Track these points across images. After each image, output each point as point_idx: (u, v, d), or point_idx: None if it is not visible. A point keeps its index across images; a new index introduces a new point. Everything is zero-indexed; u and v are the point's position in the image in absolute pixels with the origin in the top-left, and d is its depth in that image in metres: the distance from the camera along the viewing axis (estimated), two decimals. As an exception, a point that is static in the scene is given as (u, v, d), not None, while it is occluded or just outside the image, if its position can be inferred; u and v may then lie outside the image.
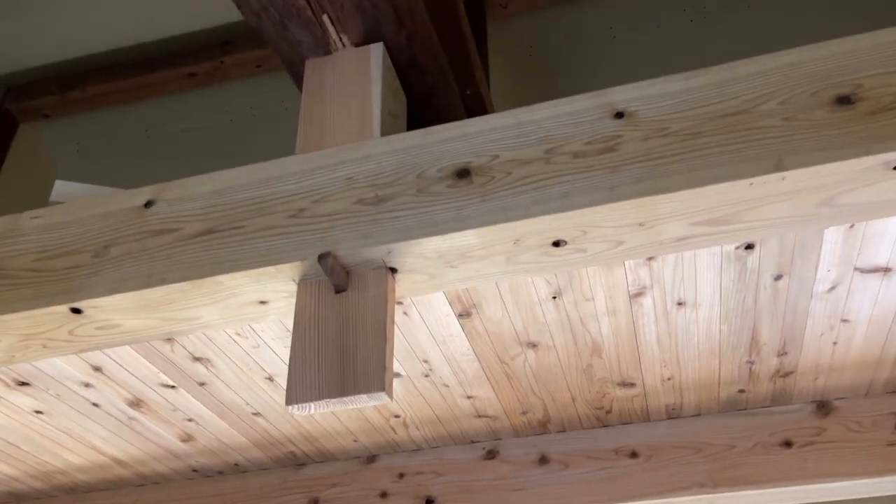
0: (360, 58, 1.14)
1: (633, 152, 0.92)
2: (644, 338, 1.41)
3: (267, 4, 1.10)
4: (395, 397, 1.56)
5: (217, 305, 1.05)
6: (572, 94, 3.03)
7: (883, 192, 0.89)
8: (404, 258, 0.97)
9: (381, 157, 1.03)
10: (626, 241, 0.96)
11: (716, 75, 0.96)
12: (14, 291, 1.06)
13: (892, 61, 0.89)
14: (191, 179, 1.10)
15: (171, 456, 1.75)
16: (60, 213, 1.12)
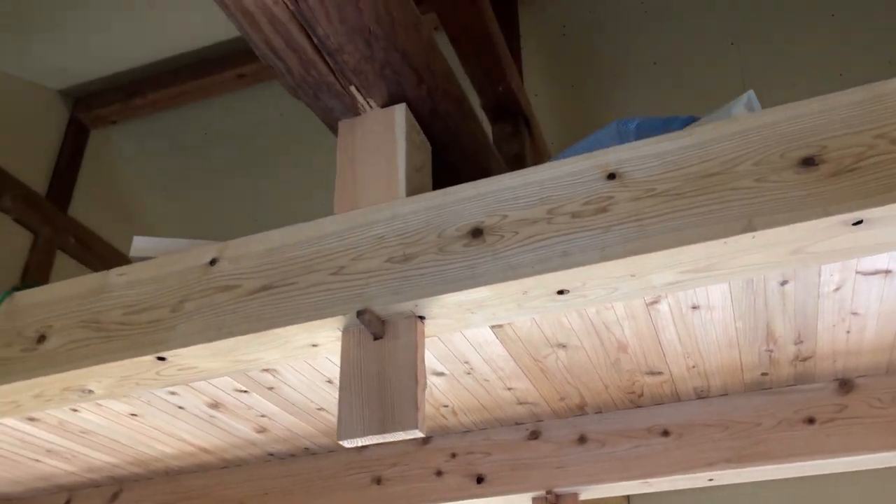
0: (385, 119, 1.29)
1: (624, 212, 1.05)
2: (665, 336, 1.54)
3: (301, 81, 1.25)
4: (442, 391, 1.74)
5: (276, 350, 1.24)
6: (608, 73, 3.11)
7: (847, 242, 1.00)
8: (430, 309, 1.13)
9: (407, 217, 1.18)
10: (621, 287, 1.10)
11: (699, 136, 1.06)
12: (109, 343, 1.27)
13: (855, 121, 0.99)
14: (246, 239, 1.28)
15: (248, 444, 1.99)
16: (141, 271, 1.32)
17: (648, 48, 2.95)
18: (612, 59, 3.00)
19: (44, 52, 3.06)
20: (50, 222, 3.08)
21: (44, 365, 1.30)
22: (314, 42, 1.18)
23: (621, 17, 2.94)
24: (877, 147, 0.96)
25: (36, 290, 1.41)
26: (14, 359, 1.33)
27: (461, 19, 2.10)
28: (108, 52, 3.14)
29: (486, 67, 2.27)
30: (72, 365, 1.28)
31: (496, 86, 2.33)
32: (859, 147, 0.97)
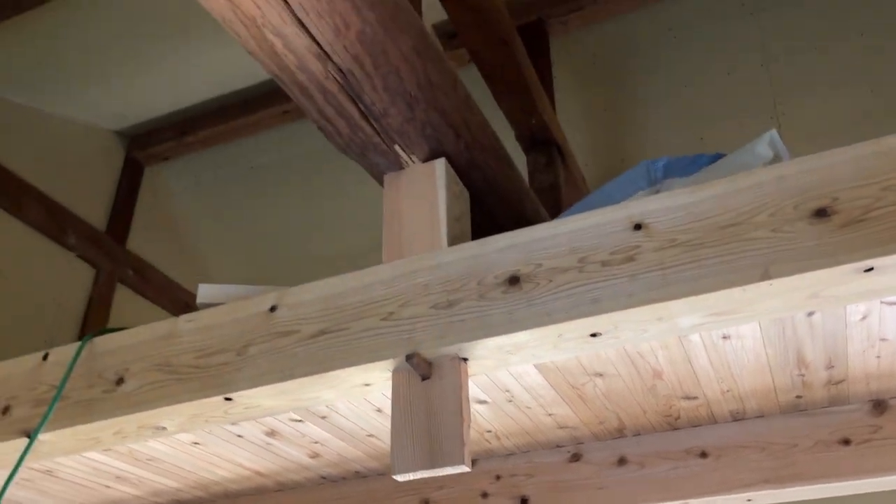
0: (427, 172, 1.40)
1: (649, 262, 1.13)
2: (698, 363, 1.61)
3: (350, 142, 1.36)
4: (485, 418, 1.83)
5: (333, 389, 1.35)
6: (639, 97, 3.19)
7: (860, 287, 1.07)
8: (472, 351, 1.23)
9: (449, 266, 1.29)
10: (649, 329, 1.19)
11: (718, 189, 1.15)
12: (182, 385, 1.40)
13: (864, 175, 1.06)
14: (303, 287, 1.39)
15: (302, 468, 2.10)
16: (208, 318, 1.45)
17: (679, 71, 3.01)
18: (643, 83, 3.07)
19: (101, 98, 3.26)
20: (110, 257, 3.26)
21: (122, 406, 1.43)
22: (361, 109, 1.29)
23: (651, 42, 3.02)
24: (884, 199, 1.03)
25: (113, 335, 1.55)
26: (96, 400, 1.47)
27: (494, 59, 2.21)
28: (161, 94, 3.32)
29: (519, 102, 2.37)
30: (148, 405, 1.41)
31: (529, 118, 2.43)
32: (868, 199, 1.04)
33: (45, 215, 2.99)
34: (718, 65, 2.92)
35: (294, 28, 1.13)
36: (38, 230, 2.96)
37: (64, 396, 1.50)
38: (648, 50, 3.00)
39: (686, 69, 2.97)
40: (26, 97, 3.04)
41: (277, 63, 1.20)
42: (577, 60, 3.10)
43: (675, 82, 2.98)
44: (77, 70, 3.03)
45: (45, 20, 2.64)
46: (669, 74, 2.97)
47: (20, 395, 1.57)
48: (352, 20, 1.16)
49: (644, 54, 3.02)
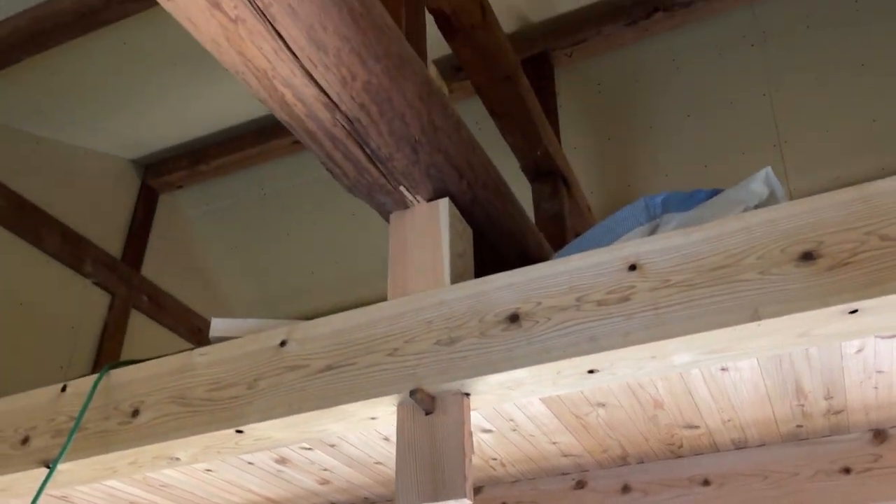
0: (431, 212, 1.45)
1: (643, 301, 1.18)
2: (698, 394, 1.64)
3: (356, 183, 1.42)
4: (490, 446, 1.87)
5: (341, 423, 1.40)
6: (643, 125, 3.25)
7: (847, 328, 1.11)
8: (474, 387, 1.27)
9: (452, 303, 1.33)
10: (645, 367, 1.23)
11: (709, 231, 1.19)
12: (195, 417, 1.45)
13: (848, 219, 1.10)
14: (312, 322, 1.45)
15: (312, 495, 2.14)
16: (220, 352, 1.50)
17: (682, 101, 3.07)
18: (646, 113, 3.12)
19: (118, 128, 3.34)
20: (125, 283, 3.33)
21: (138, 437, 1.48)
22: (367, 153, 1.35)
23: (654, 72, 3.07)
24: (868, 243, 1.08)
25: (129, 368, 1.60)
26: (112, 431, 1.52)
27: (499, 95, 2.27)
28: (175, 124, 3.41)
29: (523, 135, 2.43)
30: (162, 437, 1.46)
31: (534, 150, 2.49)
32: (852, 243, 1.09)
33: (63, 244, 3.06)
34: (721, 95, 2.97)
35: (303, 79, 1.19)
36: (55, 258, 3.03)
37: (82, 427, 1.55)
38: (652, 80, 3.06)
39: (689, 99, 3.02)
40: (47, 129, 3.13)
41: (287, 112, 1.26)
42: (581, 90, 3.16)
43: (678, 112, 3.03)
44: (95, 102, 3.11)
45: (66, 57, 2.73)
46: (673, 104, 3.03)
47: (39, 426, 1.62)
48: (358, 72, 1.22)
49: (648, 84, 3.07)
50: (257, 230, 3.75)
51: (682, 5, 2.80)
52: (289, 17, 1.10)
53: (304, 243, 3.76)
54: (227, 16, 1.09)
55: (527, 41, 2.98)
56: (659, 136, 3.10)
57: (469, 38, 2.09)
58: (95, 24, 2.28)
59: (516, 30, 3.01)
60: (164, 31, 2.60)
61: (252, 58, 1.15)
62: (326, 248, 3.76)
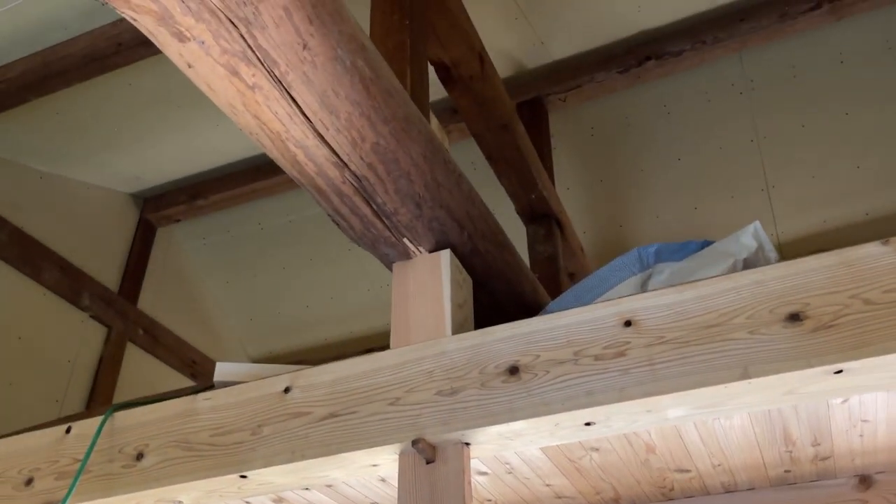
0: (432, 263, 1.50)
1: (639, 357, 1.23)
2: (689, 440, 1.69)
3: (362, 235, 1.47)
4: (486, 488, 1.90)
5: (342, 469, 1.43)
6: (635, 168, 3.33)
7: (831, 386, 1.16)
8: (474, 437, 1.32)
9: (453, 354, 1.38)
10: (639, 420, 1.28)
11: (700, 290, 1.25)
12: (198, 462, 1.48)
13: (832, 283, 1.16)
14: (315, 370, 1.49)
15: (308, 533, 2.15)
16: (224, 397, 1.54)
17: (672, 145, 3.15)
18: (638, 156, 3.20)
19: (118, 163, 3.39)
20: (122, 316, 3.36)
21: (142, 481, 1.51)
22: (374, 208, 1.40)
23: (646, 117, 3.16)
24: (852, 306, 1.13)
25: (133, 410, 1.63)
26: (116, 474, 1.55)
27: (495, 141, 2.34)
28: (175, 161, 3.46)
29: (518, 179, 2.49)
30: (166, 481, 1.49)
31: (529, 194, 2.55)
32: (837, 306, 1.14)
33: (62, 277, 3.09)
34: (710, 140, 3.05)
35: (315, 141, 1.24)
36: (53, 291, 3.06)
37: (86, 470, 1.58)
38: (644, 124, 3.14)
39: (680, 143, 3.10)
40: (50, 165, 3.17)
41: (298, 170, 1.31)
42: (575, 133, 3.24)
43: (669, 155, 3.11)
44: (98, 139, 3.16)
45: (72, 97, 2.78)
46: (664, 148, 3.11)
47: (43, 468, 1.65)
48: (367, 134, 1.27)
49: (640, 128, 3.15)
50: (253, 264, 3.79)
51: (672, 54, 2.89)
52: (304, 85, 1.16)
53: (299, 278, 3.80)
54: (245, 83, 1.15)
55: (522, 86, 3.06)
56: (650, 178, 3.18)
57: (468, 89, 2.16)
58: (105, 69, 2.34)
59: (511, 75, 3.09)
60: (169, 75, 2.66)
61: (267, 121, 1.21)
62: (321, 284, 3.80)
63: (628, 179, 3.21)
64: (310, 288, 3.81)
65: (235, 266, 3.80)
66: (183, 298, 3.75)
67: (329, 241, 3.67)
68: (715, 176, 3.10)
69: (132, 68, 2.62)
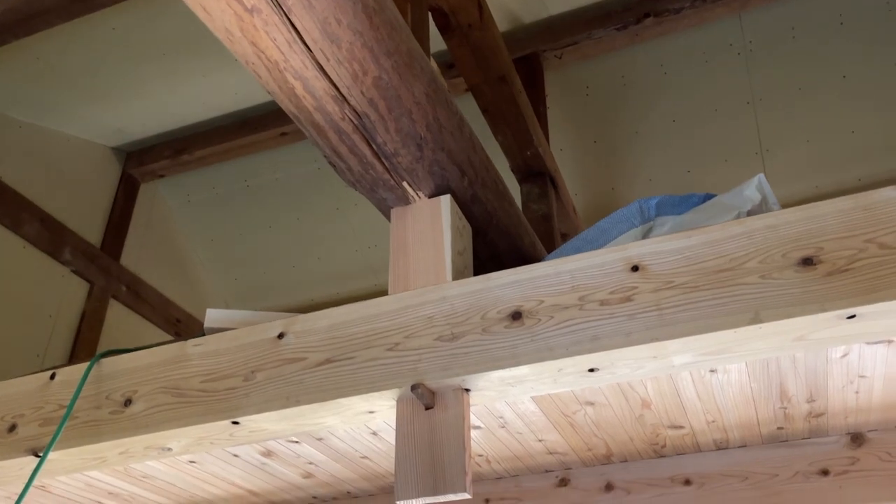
0: (432, 208, 1.46)
1: (646, 302, 1.20)
2: (685, 395, 1.67)
3: (360, 178, 1.42)
4: (478, 443, 1.88)
5: (337, 416, 1.40)
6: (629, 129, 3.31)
7: (843, 332, 1.14)
8: (475, 383, 1.28)
9: (454, 299, 1.34)
10: (645, 366, 1.25)
11: (711, 234, 1.22)
12: (189, 408, 1.44)
13: (847, 227, 1.13)
14: (310, 315, 1.44)
15: (294, 488, 2.13)
16: (215, 343, 1.49)
17: (667, 106, 3.11)
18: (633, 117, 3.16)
19: (100, 115, 3.29)
20: (104, 272, 3.29)
21: (130, 427, 1.47)
22: (373, 148, 1.35)
23: (642, 78, 3.11)
24: (867, 250, 1.11)
25: (120, 357, 1.58)
26: (104, 420, 1.50)
27: (492, 94, 2.28)
28: (159, 113, 3.37)
29: (514, 135, 2.44)
30: (156, 427, 1.45)
31: (524, 151, 2.50)
32: (851, 250, 1.12)
33: (41, 230, 3.01)
34: (706, 102, 3.02)
35: (315, 72, 1.19)
36: (34, 245, 2.98)
37: (72, 416, 1.53)
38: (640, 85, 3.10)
39: (675, 104, 3.06)
40: (28, 114, 3.07)
41: (296, 104, 1.26)
42: (570, 93, 3.19)
43: (664, 117, 3.08)
44: (78, 88, 3.06)
45: (51, 41, 2.68)
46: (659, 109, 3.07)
47: (27, 414, 1.60)
48: (369, 67, 1.22)
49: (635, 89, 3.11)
50: (239, 223, 3.72)
51: (672, 11, 2.84)
52: (304, 9, 1.10)
53: (286, 238, 3.74)
54: (243, 5, 1.09)
55: (517, 42, 3.00)
56: (644, 140, 3.14)
57: (466, 38, 2.10)
58: (89, 8, 2.24)
59: (507, 30, 3.03)
60: (154, 19, 2.57)
61: (265, 49, 1.15)
62: (308, 244, 3.75)
63: (622, 141, 3.17)
64: (296, 248, 3.76)
65: (221, 224, 3.73)
66: (167, 256, 3.68)
67: (317, 201, 3.61)
68: (709, 138, 3.07)
69: (115, 13, 2.53)
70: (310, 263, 3.76)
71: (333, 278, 3.75)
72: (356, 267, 3.71)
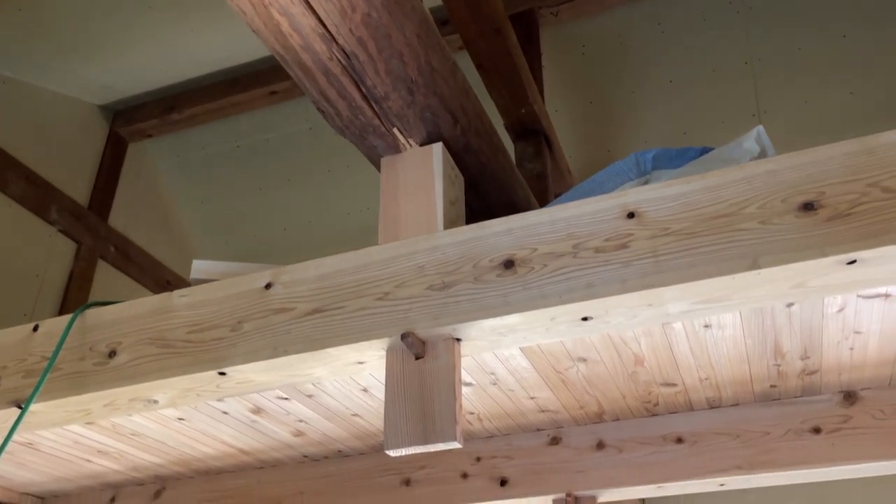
0: (424, 157, 1.42)
1: (642, 249, 1.17)
2: (679, 351, 1.66)
3: (349, 124, 1.38)
4: (469, 400, 1.86)
5: (326, 367, 1.37)
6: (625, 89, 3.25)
7: (842, 279, 1.11)
8: (466, 332, 1.26)
9: (446, 248, 1.31)
10: (640, 315, 1.22)
11: (710, 180, 1.19)
12: (175, 359, 1.41)
13: (850, 171, 1.10)
14: (298, 266, 1.41)
15: (285, 447, 2.12)
16: (202, 294, 1.46)
17: (665, 66, 3.06)
18: (629, 77, 3.11)
19: (87, 71, 3.22)
20: (92, 232, 3.24)
21: (115, 378, 1.44)
22: (363, 91, 1.31)
23: (639, 37, 3.05)
24: (870, 194, 1.08)
25: (105, 308, 1.55)
26: (88, 372, 1.47)
27: (487, 49, 2.23)
28: (147, 70, 3.30)
29: (509, 92, 2.39)
30: (141, 378, 1.42)
31: (519, 108, 2.46)
32: (854, 194, 1.09)
33: (27, 188, 2.96)
34: (704, 62, 2.97)
35: (301, 8, 1.14)
36: (20, 203, 2.93)
37: (55, 368, 1.50)
38: (637, 44, 3.04)
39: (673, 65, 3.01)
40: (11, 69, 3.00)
41: (282, 42, 1.21)
42: (566, 52, 3.13)
43: (661, 77, 3.03)
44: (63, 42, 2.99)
45: (34, -9, 2.61)
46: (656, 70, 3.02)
47: (9, 366, 1.57)
48: (358, 3, 1.17)
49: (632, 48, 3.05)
50: (229, 185, 3.67)
51: (670, -32, 2.78)
52: (290, -61, 1.05)
53: (276, 200, 3.70)
54: (226, -67, 1.04)
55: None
56: (640, 101, 3.10)
57: (460, -13, 2.05)
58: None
59: (503, -15, 2.96)
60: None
61: (250, -19, 1.10)
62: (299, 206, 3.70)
63: (618, 102, 3.12)
64: (287, 210, 3.71)
65: (211, 185, 3.68)
66: (156, 217, 3.63)
67: (308, 162, 3.56)
68: (706, 100, 3.02)
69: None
70: (301, 226, 3.72)
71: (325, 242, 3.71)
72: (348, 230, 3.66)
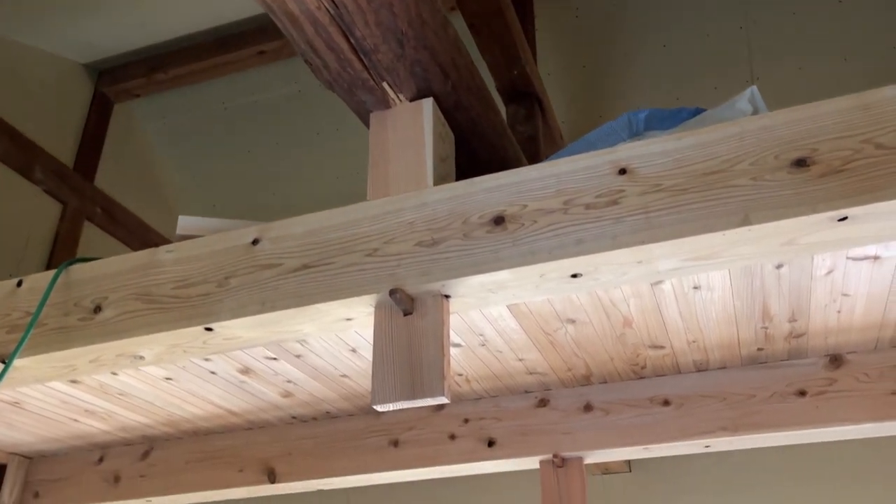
0: (414, 112, 1.40)
1: (633, 205, 1.16)
2: (668, 313, 1.66)
3: (337, 77, 1.35)
4: (457, 361, 1.86)
5: (314, 323, 1.36)
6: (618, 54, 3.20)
7: (833, 236, 1.11)
8: (455, 288, 1.25)
9: (436, 205, 1.30)
10: (629, 272, 1.22)
11: (702, 136, 1.17)
12: (161, 314, 1.40)
13: (844, 127, 1.09)
14: (286, 221, 1.40)
15: (274, 408, 2.12)
16: (188, 249, 1.44)
17: (659, 31, 3.03)
18: (623, 42, 3.08)
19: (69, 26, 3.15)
20: (77, 193, 3.20)
21: (100, 333, 1.43)
22: (351, 43, 1.28)
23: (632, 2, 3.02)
24: (863, 151, 1.07)
25: (89, 264, 1.53)
26: (73, 327, 1.46)
27: (479, 7, 2.19)
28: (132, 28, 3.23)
29: (502, 53, 2.36)
30: (127, 333, 1.41)
31: (511, 70, 2.43)
32: (847, 151, 1.08)
33: (10, 147, 2.91)
34: (698, 26, 2.94)
35: (289, -46, 1.11)
36: (3, 162, 2.88)
37: (39, 323, 1.49)
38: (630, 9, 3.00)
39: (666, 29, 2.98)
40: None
41: (270, -10, 1.18)
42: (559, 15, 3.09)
43: (654, 42, 3.00)
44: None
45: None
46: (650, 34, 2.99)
47: (-7, 322, 1.56)
48: (348, -51, 1.14)
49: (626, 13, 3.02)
50: (217, 147, 3.63)
51: (666, -72, 2.73)
52: None
53: (265, 163, 3.66)
54: None
55: (506, -43, 2.88)
56: (633, 66, 3.07)
57: (452, -59, 2.00)
58: None
59: (496, -56, 2.90)
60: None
61: (235, -77, 1.07)
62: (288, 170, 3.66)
63: (611, 67, 3.09)
64: (276, 174, 3.67)
65: (198, 147, 3.64)
66: (143, 179, 3.59)
67: (297, 125, 3.52)
68: (700, 65, 3.00)
69: None
70: (290, 190, 3.68)
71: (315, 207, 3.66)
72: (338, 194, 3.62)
